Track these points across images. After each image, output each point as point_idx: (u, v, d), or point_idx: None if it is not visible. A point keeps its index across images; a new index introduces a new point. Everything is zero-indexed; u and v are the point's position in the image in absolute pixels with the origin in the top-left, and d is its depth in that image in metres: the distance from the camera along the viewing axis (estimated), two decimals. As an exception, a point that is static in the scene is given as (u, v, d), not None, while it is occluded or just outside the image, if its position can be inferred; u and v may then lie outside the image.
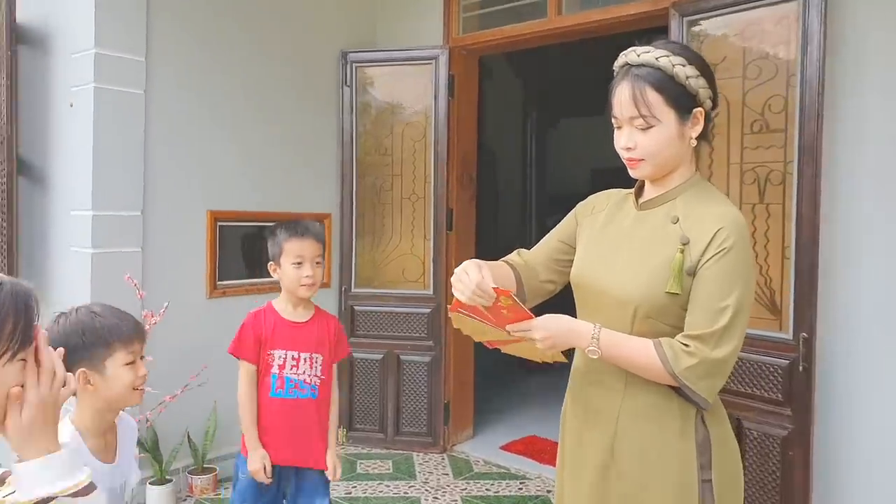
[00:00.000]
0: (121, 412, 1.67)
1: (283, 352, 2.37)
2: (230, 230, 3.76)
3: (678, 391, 1.44)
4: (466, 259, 1.53)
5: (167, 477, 3.39)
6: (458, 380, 4.39)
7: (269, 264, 2.41)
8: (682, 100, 1.45)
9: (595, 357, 1.45)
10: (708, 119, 1.52)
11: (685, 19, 3.06)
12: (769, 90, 2.79)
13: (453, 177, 4.28)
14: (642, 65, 1.45)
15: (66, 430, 1.52)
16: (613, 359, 1.47)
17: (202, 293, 3.64)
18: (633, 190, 1.64)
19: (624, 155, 1.52)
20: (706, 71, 1.49)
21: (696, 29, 3.03)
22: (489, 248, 3.21)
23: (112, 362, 1.56)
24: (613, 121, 1.52)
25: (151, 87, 3.33)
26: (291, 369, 2.39)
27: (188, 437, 3.51)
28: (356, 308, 4.36)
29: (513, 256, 1.76)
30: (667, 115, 1.44)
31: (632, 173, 1.56)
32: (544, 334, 1.44)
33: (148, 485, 3.34)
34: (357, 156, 4.35)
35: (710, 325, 1.38)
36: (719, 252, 1.40)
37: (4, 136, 3.39)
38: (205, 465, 3.60)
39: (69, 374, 1.12)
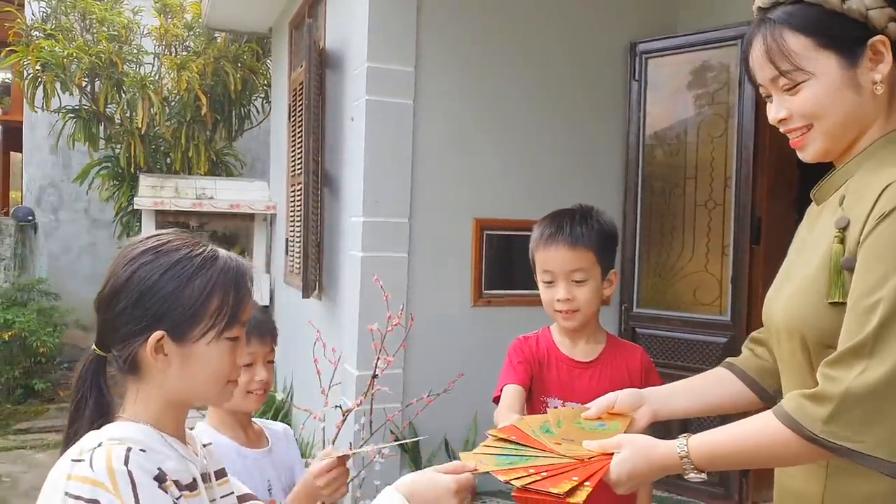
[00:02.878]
0: (259, 422, 1.67)
1: (560, 402, 1.67)
2: (498, 238, 3.66)
3: None
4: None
5: (424, 481, 3.43)
6: (766, 427, 3.61)
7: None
8: (842, 33, 0.98)
9: (701, 478, 1.03)
10: None
11: None
12: None
13: (762, 180, 3.53)
14: (776, 3, 1.03)
15: (201, 428, 1.56)
16: (730, 464, 1.04)
17: (466, 301, 3.60)
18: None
19: (781, 130, 1.06)
20: None
21: None
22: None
23: None
24: (761, 91, 1.08)
25: (420, 97, 3.41)
26: None
27: (446, 443, 3.50)
28: (638, 330, 3.88)
29: (746, 345, 1.33)
30: (822, 61, 0.99)
31: (802, 156, 1.07)
32: (623, 488, 1.06)
33: (406, 485, 3.42)
34: (644, 157, 3.88)
35: (857, 334, 0.90)
36: (879, 218, 0.91)
37: (311, 149, 3.83)
38: (464, 476, 3.55)
39: None
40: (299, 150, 4.41)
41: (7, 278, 6.81)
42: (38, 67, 5.64)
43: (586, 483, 1.03)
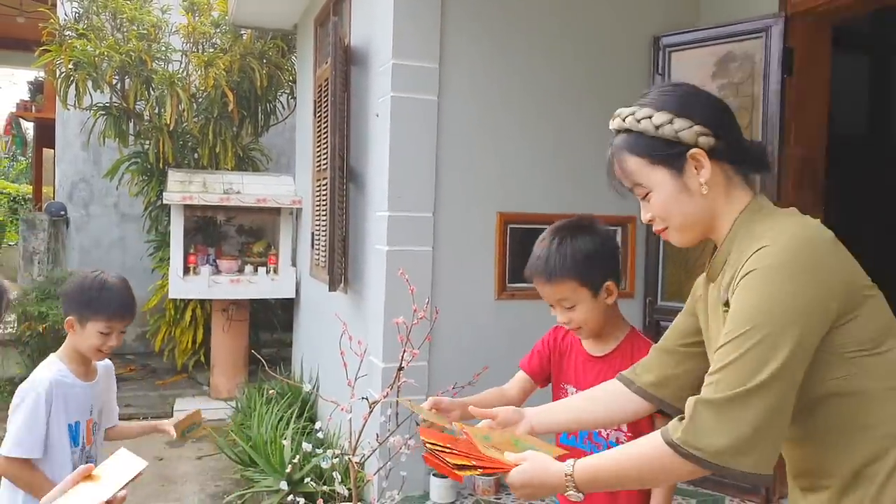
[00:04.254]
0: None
1: (574, 389, 1.81)
2: (522, 232, 3.69)
3: None
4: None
5: (449, 472, 3.48)
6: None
7: None
8: (664, 151, 1.20)
9: (579, 498, 1.18)
10: (722, 151, 1.19)
11: None
12: None
13: (788, 172, 3.51)
14: (617, 130, 1.27)
15: (51, 362, 2.03)
16: (615, 482, 1.19)
17: (490, 295, 3.64)
18: None
19: (654, 230, 1.29)
20: (688, 105, 1.20)
21: None
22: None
23: (91, 325, 1.97)
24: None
25: (444, 93, 3.44)
26: None
27: (471, 436, 3.55)
28: (662, 323, 3.89)
29: (644, 359, 1.49)
30: (656, 175, 1.22)
31: (674, 244, 1.31)
32: (518, 492, 1.23)
33: (432, 476, 3.47)
34: (667, 152, 3.87)
35: (716, 367, 1.09)
36: (742, 276, 1.09)
37: (337, 145, 3.88)
38: (488, 467, 3.60)
39: None
40: (325, 146, 4.47)
41: (41, 272, 6.99)
42: (71, 66, 5.77)
43: (479, 469, 1.23)
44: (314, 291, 5.11)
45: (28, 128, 13.05)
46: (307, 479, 3.34)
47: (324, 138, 4.51)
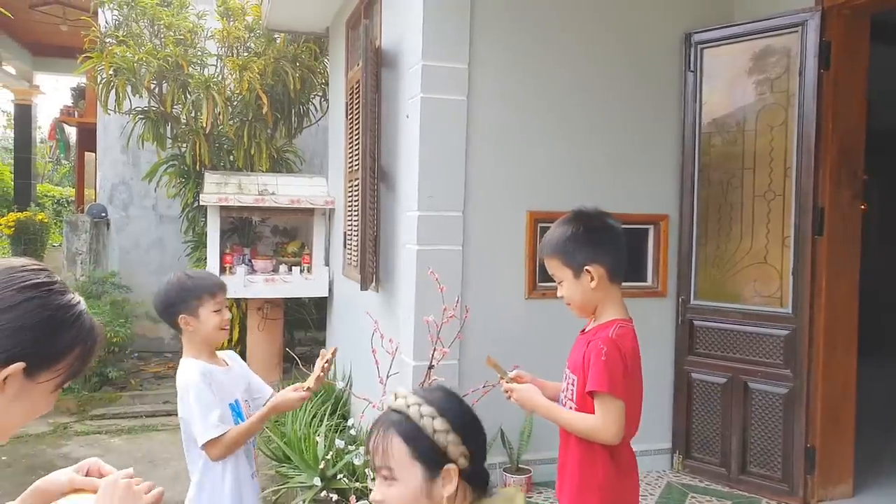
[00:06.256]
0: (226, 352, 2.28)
1: (567, 367, 2.01)
2: (552, 231, 3.68)
3: None
4: (842, 272, 1.31)
5: (480, 470, 3.49)
6: (831, 420, 3.53)
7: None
8: (429, 454, 1.27)
9: None
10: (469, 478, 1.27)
11: None
12: None
13: (825, 169, 3.45)
14: (396, 410, 1.31)
15: (189, 362, 2.12)
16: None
17: (521, 293, 3.64)
18: None
19: None
20: (463, 427, 1.29)
21: None
22: (882, 262, 2.48)
23: (203, 310, 2.10)
24: None
25: (474, 93, 3.46)
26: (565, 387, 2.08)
27: (502, 433, 3.55)
28: (695, 322, 3.85)
29: None
30: (411, 470, 1.27)
31: None
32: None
33: (462, 474, 3.48)
34: (700, 148, 3.83)
35: None
36: None
37: (368, 146, 3.92)
38: (520, 466, 3.60)
39: None
40: (356, 147, 4.52)
41: (83, 272, 7.18)
42: (111, 72, 5.91)
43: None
44: (347, 290, 5.17)
45: (71, 132, 13.43)
46: (340, 476, 3.39)
47: (355, 139, 4.56)
